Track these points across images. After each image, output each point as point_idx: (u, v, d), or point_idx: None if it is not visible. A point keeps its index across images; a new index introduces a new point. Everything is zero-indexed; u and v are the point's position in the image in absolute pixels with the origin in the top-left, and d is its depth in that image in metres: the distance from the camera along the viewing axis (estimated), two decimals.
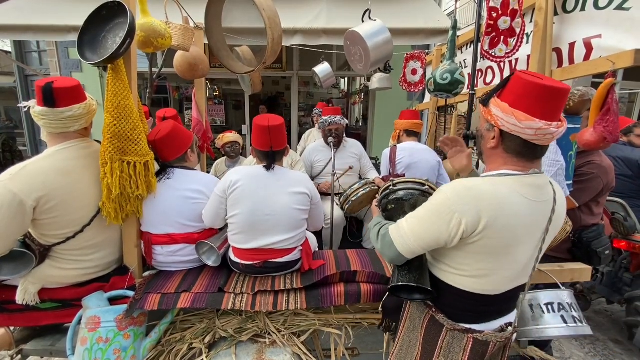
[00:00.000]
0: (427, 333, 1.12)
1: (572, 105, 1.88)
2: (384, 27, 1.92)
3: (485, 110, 1.01)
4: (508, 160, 0.99)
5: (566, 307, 1.60)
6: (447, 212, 0.95)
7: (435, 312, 1.10)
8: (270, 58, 1.81)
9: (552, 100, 0.88)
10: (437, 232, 0.98)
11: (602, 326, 2.84)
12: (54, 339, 1.62)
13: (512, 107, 0.91)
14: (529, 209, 0.96)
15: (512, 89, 0.93)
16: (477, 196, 0.93)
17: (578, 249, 2.00)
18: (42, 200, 1.33)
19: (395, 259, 1.09)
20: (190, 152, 1.76)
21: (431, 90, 2.19)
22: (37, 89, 1.38)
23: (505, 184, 0.96)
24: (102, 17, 1.48)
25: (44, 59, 6.12)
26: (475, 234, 0.94)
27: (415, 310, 1.18)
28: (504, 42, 1.88)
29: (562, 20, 1.71)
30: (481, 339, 1.03)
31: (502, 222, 0.93)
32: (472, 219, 0.92)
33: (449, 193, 0.96)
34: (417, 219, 1.04)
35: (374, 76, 3.34)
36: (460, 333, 1.05)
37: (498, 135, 0.98)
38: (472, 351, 1.03)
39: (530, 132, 0.90)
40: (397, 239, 1.07)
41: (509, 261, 1.00)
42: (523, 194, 0.95)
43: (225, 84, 7.31)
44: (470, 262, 1.01)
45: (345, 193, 2.47)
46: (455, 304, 1.08)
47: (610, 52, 1.47)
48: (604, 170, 1.94)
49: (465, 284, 1.04)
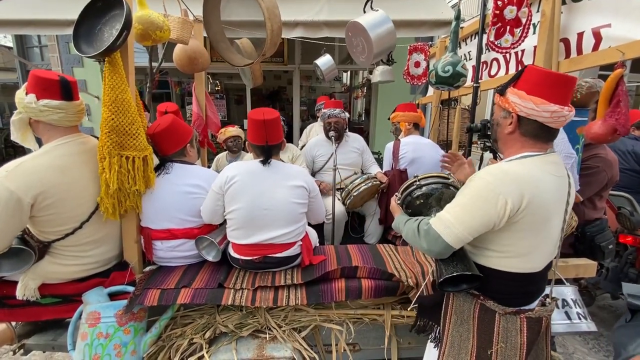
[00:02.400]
0: (481, 322, 1.12)
1: (579, 97, 1.83)
2: (386, 17, 1.87)
3: (502, 99, 1.09)
4: (525, 143, 1.07)
5: (570, 304, 1.58)
6: (492, 196, 1.00)
7: (485, 300, 1.12)
8: (269, 50, 1.77)
9: (563, 86, 1.00)
10: (486, 216, 1.01)
11: (606, 321, 2.81)
12: (56, 333, 1.63)
13: (529, 94, 1.00)
14: (556, 184, 1.05)
15: (526, 78, 1.03)
16: (515, 177, 1.01)
17: (581, 244, 1.98)
18: (39, 198, 1.31)
19: (443, 251, 1.09)
20: (189, 146, 1.74)
21: (433, 82, 2.14)
22: (48, 82, 1.36)
23: (534, 164, 1.04)
24: (98, 9, 1.46)
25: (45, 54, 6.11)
26: (519, 212, 1.00)
27: (462, 302, 1.18)
28: (509, 33, 1.83)
29: (570, 9, 1.65)
30: (534, 316, 1.08)
31: (539, 199, 1.01)
32: (516, 198, 0.99)
33: (489, 177, 1.02)
34: (460, 206, 1.06)
35: (377, 69, 3.29)
36: (513, 315, 1.08)
37: (515, 121, 1.06)
38: (528, 330, 1.07)
39: (546, 115, 0.99)
40: (443, 230, 1.07)
41: (546, 236, 1.07)
42: (550, 172, 1.05)
43: (227, 78, 7.27)
44: (514, 242, 1.06)
45: (347, 188, 2.45)
46: (501, 288, 1.11)
47: (619, 42, 1.43)
48: (608, 163, 1.91)
49: (511, 264, 1.08)
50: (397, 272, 1.57)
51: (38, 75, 1.36)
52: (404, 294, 1.62)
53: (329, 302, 1.55)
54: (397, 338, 1.63)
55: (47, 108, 1.37)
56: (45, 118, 1.38)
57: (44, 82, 1.36)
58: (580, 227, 1.91)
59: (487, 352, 1.10)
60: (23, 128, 1.44)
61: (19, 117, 1.42)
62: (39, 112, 1.37)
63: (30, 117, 1.40)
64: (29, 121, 1.43)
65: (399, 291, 1.59)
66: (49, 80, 1.36)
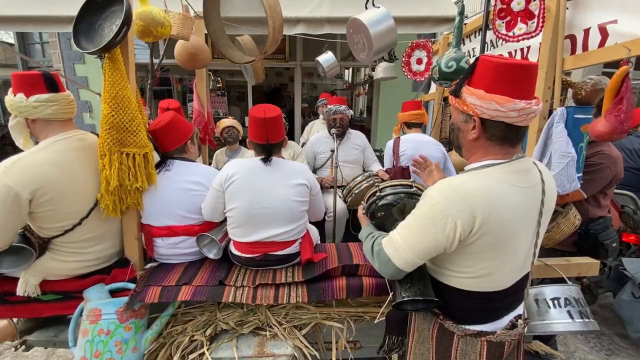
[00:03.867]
0: (439, 343, 1.06)
1: (583, 94, 1.81)
2: (387, 14, 1.85)
3: (458, 101, 0.96)
4: (490, 149, 0.95)
5: (573, 302, 1.56)
6: (439, 218, 0.89)
7: (444, 320, 1.05)
8: (271, 47, 1.76)
9: (526, 78, 0.87)
10: (433, 241, 0.92)
11: (607, 320, 2.80)
12: (57, 330, 1.63)
13: (489, 92, 0.87)
14: (521, 196, 0.92)
15: (482, 74, 0.89)
16: (466, 195, 0.88)
17: (584, 242, 1.96)
18: (37, 193, 1.31)
19: (395, 274, 1.02)
20: (190, 143, 1.74)
21: (436, 78, 2.12)
22: (31, 77, 1.36)
23: (492, 176, 0.92)
24: (98, 5, 1.44)
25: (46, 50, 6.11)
26: (472, 234, 0.89)
27: (422, 320, 1.11)
28: (522, 22, 1.77)
29: (577, 5, 1.63)
30: (495, 340, 0.99)
31: (496, 217, 0.88)
32: (467, 219, 0.87)
33: (437, 197, 0.91)
34: (408, 229, 0.98)
35: (379, 66, 3.27)
36: (473, 338, 1.00)
37: (479, 125, 0.93)
38: (488, 355, 0.99)
39: (514, 115, 0.86)
40: (392, 254, 0.99)
41: (510, 254, 0.96)
42: (512, 183, 0.92)
43: (229, 75, 7.25)
44: (472, 263, 0.96)
45: (348, 186, 2.44)
46: (463, 306, 1.03)
47: (626, 38, 1.41)
48: (612, 160, 1.89)
49: (471, 284, 0.99)
50: None
51: (19, 74, 1.37)
52: None
53: (329, 299, 1.55)
54: None
55: (39, 103, 1.37)
56: (41, 114, 1.38)
57: (27, 79, 1.37)
58: (584, 225, 1.89)
59: None
60: (24, 131, 1.44)
61: (15, 121, 1.41)
62: (33, 109, 1.37)
63: (26, 117, 1.40)
64: (27, 123, 1.43)
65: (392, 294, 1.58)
66: (32, 75, 1.37)
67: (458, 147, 1.06)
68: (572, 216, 1.75)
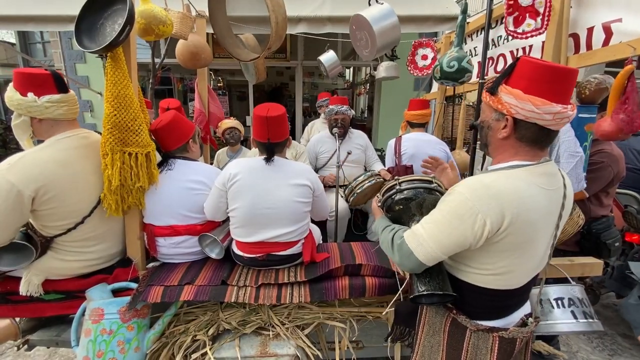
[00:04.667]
0: (451, 337, 1.07)
1: (587, 94, 1.80)
2: (391, 10, 1.84)
3: (493, 99, 0.96)
4: (520, 150, 0.95)
5: (576, 303, 1.56)
6: (469, 215, 0.89)
7: (457, 314, 1.06)
8: (274, 43, 1.75)
9: (564, 81, 0.87)
10: (461, 237, 0.92)
11: (610, 320, 2.79)
12: (60, 329, 1.63)
13: (527, 93, 0.87)
14: (546, 199, 0.94)
15: (521, 74, 0.89)
16: (497, 194, 0.89)
17: (587, 241, 1.96)
18: (40, 191, 1.31)
19: (416, 268, 1.02)
20: (192, 142, 1.73)
21: (437, 77, 2.12)
22: (42, 77, 1.35)
23: (521, 177, 0.92)
24: (100, 3, 1.44)
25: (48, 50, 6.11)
26: (499, 233, 0.90)
27: (435, 314, 1.12)
28: (530, 17, 1.75)
29: (580, 3, 1.62)
30: (507, 336, 1.00)
31: (524, 218, 0.90)
32: (497, 217, 0.88)
33: (467, 193, 0.91)
34: (434, 224, 0.97)
35: (381, 65, 3.26)
36: (485, 333, 1.01)
37: (511, 124, 0.93)
38: (499, 350, 1.00)
39: (549, 117, 0.87)
40: (415, 247, 0.99)
41: (530, 255, 0.98)
42: (539, 185, 0.93)
43: (229, 74, 7.24)
44: (493, 261, 0.97)
45: (350, 185, 2.43)
46: (475, 302, 1.04)
47: (630, 37, 1.40)
48: (614, 159, 1.88)
49: (488, 281, 1.00)
50: (401, 270, 1.56)
51: (26, 73, 1.34)
52: (407, 291, 1.60)
53: (332, 299, 1.54)
54: None
55: (51, 104, 1.36)
56: (51, 114, 1.38)
57: (37, 79, 1.34)
58: (586, 224, 1.88)
59: None
60: (28, 130, 1.41)
61: (21, 119, 1.38)
62: (45, 110, 1.36)
63: (35, 116, 1.38)
64: (31, 122, 1.40)
65: (402, 289, 1.57)
66: (42, 75, 1.35)
67: (485, 145, 1.06)
68: (576, 216, 1.74)
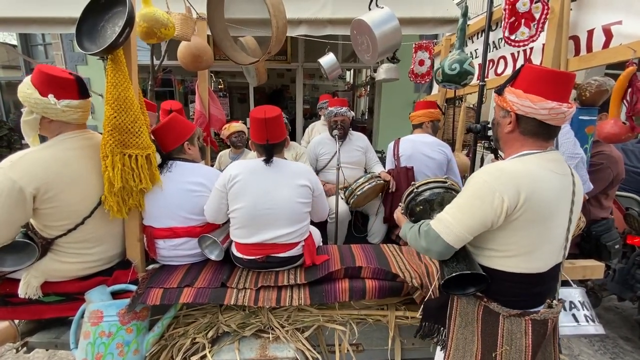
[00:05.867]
0: (485, 325, 1.12)
1: (588, 96, 1.80)
2: (391, 14, 1.84)
3: (500, 98, 1.11)
4: (525, 142, 1.08)
5: (578, 306, 1.55)
6: (488, 194, 1.00)
7: (488, 302, 1.11)
8: (274, 47, 1.76)
9: (560, 84, 1.01)
10: (483, 215, 1.02)
11: (612, 323, 2.78)
12: (59, 331, 1.62)
13: (526, 92, 1.01)
14: (558, 182, 1.05)
15: (524, 77, 1.04)
16: (511, 175, 1.01)
17: (587, 243, 1.96)
18: (41, 189, 1.31)
19: (444, 251, 1.09)
20: (188, 144, 1.72)
21: (439, 80, 2.12)
22: (65, 81, 1.35)
23: (533, 162, 1.04)
24: (101, 6, 1.45)
25: (49, 52, 6.12)
26: (517, 209, 1.00)
27: (466, 304, 1.17)
28: (525, 25, 1.77)
29: (580, 6, 1.62)
30: (539, 318, 1.06)
31: (538, 195, 1.00)
32: (513, 194, 0.99)
33: (485, 176, 1.03)
34: (458, 207, 1.07)
35: (381, 67, 3.26)
36: (517, 317, 1.07)
37: (514, 120, 1.07)
38: (533, 333, 1.06)
39: (544, 112, 1.00)
40: (442, 230, 1.07)
41: (549, 234, 1.06)
42: (550, 169, 1.04)
43: (230, 76, 7.25)
44: (515, 240, 1.05)
45: (351, 187, 2.43)
46: (506, 290, 1.09)
47: (631, 39, 1.40)
48: (613, 160, 1.88)
49: (513, 264, 1.07)
50: (402, 273, 1.56)
51: (52, 74, 1.33)
52: (408, 294, 1.60)
53: (332, 302, 1.54)
54: (400, 339, 1.61)
55: (70, 108, 1.37)
56: (66, 117, 1.39)
57: (61, 82, 1.35)
58: (586, 227, 1.88)
59: (491, 355, 1.09)
60: (35, 128, 1.40)
61: (32, 117, 1.37)
62: (61, 113, 1.37)
63: (50, 117, 1.37)
64: (40, 121, 1.40)
65: (403, 292, 1.57)
66: (66, 79, 1.35)
67: (497, 140, 1.20)
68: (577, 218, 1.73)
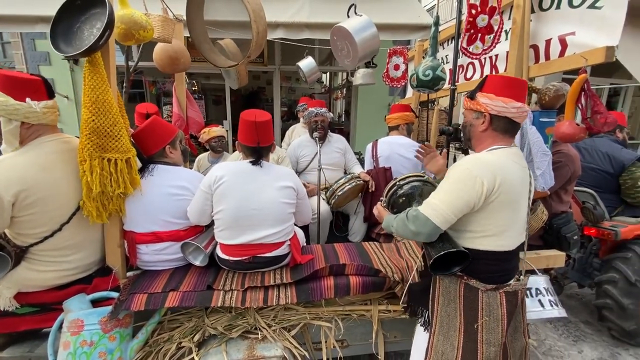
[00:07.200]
0: (466, 300, 1.26)
1: (547, 100, 1.96)
2: (370, 22, 1.92)
3: (473, 102, 1.28)
4: (496, 138, 1.26)
5: (543, 292, 1.69)
6: (470, 178, 1.16)
7: (468, 279, 1.25)
8: (254, 52, 1.78)
9: (520, 88, 1.23)
10: (467, 197, 1.17)
11: (574, 309, 3.01)
12: (33, 344, 1.55)
13: (498, 95, 1.20)
14: (521, 171, 1.24)
15: (491, 84, 1.24)
16: (488, 163, 1.18)
17: (549, 235, 2.12)
18: (21, 195, 1.27)
19: (432, 232, 1.22)
20: (170, 147, 1.71)
21: (414, 85, 2.22)
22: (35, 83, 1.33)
23: (501, 154, 1.22)
24: (77, 7, 1.41)
25: (7, 51, 5.75)
26: (494, 192, 1.16)
27: (448, 284, 1.31)
28: (480, 40, 1.95)
29: (539, 17, 1.77)
30: (511, 290, 1.24)
31: (509, 181, 1.17)
32: (490, 179, 1.15)
33: (466, 164, 1.19)
34: (444, 192, 1.22)
35: (358, 72, 3.35)
36: (493, 291, 1.23)
37: (488, 119, 1.24)
38: (507, 303, 1.23)
39: (514, 111, 1.20)
40: (431, 213, 1.21)
41: (516, 216, 1.24)
42: (514, 161, 1.23)
43: (204, 78, 7.12)
44: (491, 221, 1.21)
45: (332, 188, 2.48)
46: (483, 268, 1.25)
47: (583, 48, 1.55)
48: (571, 158, 2.06)
49: (488, 243, 1.23)
50: (383, 268, 1.63)
51: (16, 76, 1.30)
52: (390, 289, 1.67)
53: (318, 299, 1.58)
54: (383, 332, 1.68)
55: (48, 109, 1.36)
56: (45, 120, 1.37)
57: (31, 84, 1.32)
58: (548, 220, 2.04)
59: (473, 326, 1.24)
60: (18, 136, 1.35)
61: (13, 125, 1.32)
62: (42, 116, 1.35)
63: (31, 121, 1.34)
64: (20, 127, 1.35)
65: (385, 286, 1.64)
66: (35, 81, 1.33)
67: (468, 139, 1.34)
68: (540, 212, 1.88)
